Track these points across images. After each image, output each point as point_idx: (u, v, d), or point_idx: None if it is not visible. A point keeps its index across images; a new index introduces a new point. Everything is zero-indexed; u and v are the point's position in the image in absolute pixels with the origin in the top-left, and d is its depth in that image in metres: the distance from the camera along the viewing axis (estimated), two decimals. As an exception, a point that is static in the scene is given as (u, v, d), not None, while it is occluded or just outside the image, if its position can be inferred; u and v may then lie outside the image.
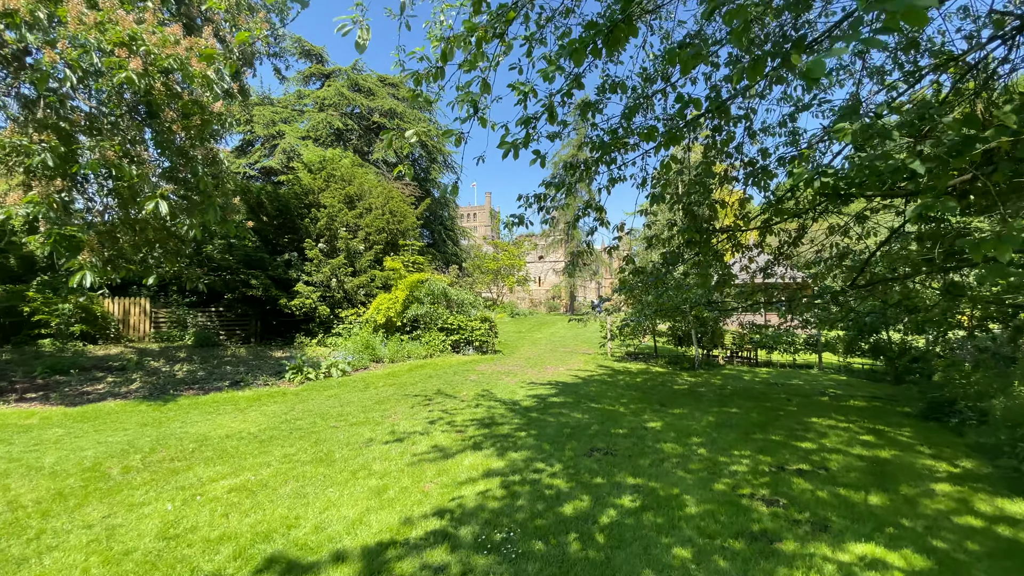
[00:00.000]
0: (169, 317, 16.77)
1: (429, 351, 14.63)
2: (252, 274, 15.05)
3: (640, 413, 8.34)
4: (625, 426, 7.34)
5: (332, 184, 17.03)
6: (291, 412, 8.03)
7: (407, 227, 17.99)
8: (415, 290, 15.24)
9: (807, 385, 12.17)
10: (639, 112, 6.26)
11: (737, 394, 10.46)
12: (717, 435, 7.03)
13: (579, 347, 18.78)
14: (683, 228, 7.14)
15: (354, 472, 5.13)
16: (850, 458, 6.23)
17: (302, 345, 14.17)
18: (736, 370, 14.08)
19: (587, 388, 10.63)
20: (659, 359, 15.02)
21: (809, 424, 8.00)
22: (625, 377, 12.28)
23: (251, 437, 6.56)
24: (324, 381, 10.72)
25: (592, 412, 8.26)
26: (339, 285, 15.72)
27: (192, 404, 8.62)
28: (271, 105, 35.45)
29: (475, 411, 8.10)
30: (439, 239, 39.11)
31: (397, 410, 8.16)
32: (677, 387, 11.14)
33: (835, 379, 13.48)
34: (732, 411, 8.77)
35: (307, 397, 9.28)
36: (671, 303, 9.55)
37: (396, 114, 34.81)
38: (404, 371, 12.19)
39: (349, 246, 15.96)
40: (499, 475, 5.12)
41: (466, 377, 11.73)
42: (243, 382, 10.25)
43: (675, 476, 5.26)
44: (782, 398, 10.26)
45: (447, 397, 9.31)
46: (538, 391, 10.16)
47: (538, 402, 9.02)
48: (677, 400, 9.60)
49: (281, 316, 16.21)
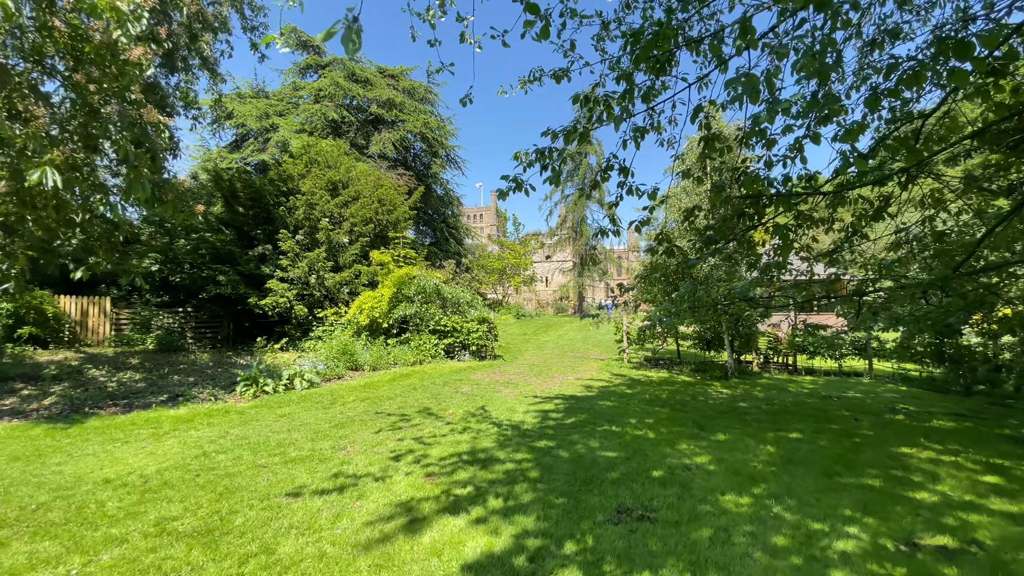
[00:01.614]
0: (132, 318, 15.03)
1: (419, 357, 12.74)
2: (219, 270, 13.27)
3: (675, 440, 6.37)
4: (660, 462, 5.38)
5: (314, 169, 15.22)
6: (219, 440, 6.16)
7: (398, 218, 16.14)
8: (404, 287, 13.38)
9: (867, 398, 10.12)
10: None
11: (788, 411, 8.46)
12: (791, 479, 5.05)
13: (590, 351, 16.80)
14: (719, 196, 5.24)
15: (243, 561, 3.22)
16: (996, 519, 4.24)
17: (265, 351, 12.32)
18: (775, 378, 12.05)
19: (603, 403, 8.67)
20: (683, 365, 13.00)
21: (903, 458, 6.00)
22: (647, 388, 10.30)
23: (137, 484, 4.68)
24: (283, 395, 8.86)
25: (613, 439, 6.31)
26: (319, 282, 13.89)
27: (102, 427, 6.78)
28: (266, 98, 33.95)
29: (460, 439, 6.17)
30: (442, 237, 37.25)
31: (358, 437, 6.26)
32: (713, 402, 9.15)
33: (894, 390, 11.42)
34: (793, 437, 6.78)
35: (253, 417, 7.41)
36: (707, 299, 7.59)
37: (395, 105, 33.02)
38: (384, 381, 10.29)
39: (331, 238, 14.13)
40: (481, 570, 3.20)
41: (457, 388, 9.81)
42: (184, 396, 8.42)
43: (757, 567, 3.30)
44: (846, 416, 8.24)
45: (429, 417, 7.40)
46: (543, 407, 8.23)
47: (543, 423, 7.08)
48: (718, 421, 7.62)
49: (255, 317, 14.42)
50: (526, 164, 4.85)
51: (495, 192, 66.16)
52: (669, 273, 6.53)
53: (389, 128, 32.85)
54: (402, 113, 32.98)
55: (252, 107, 32.08)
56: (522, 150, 4.56)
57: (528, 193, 4.90)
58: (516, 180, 4.75)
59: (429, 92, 36.38)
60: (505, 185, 4.75)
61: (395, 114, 32.76)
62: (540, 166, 4.90)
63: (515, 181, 4.75)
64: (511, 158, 4.68)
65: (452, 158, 37.84)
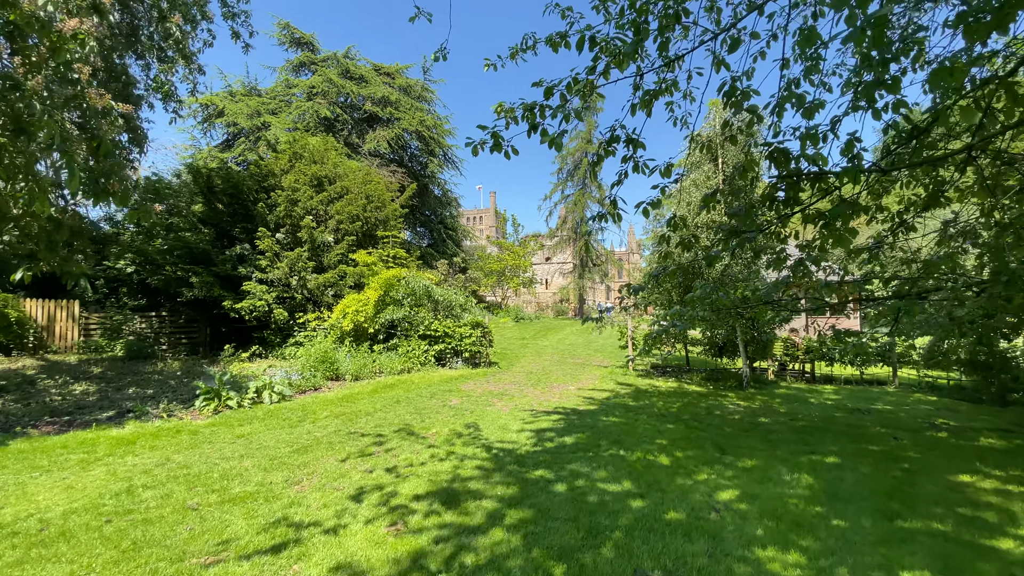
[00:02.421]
0: (103, 323, 14.07)
1: (407, 364, 11.77)
2: (193, 271, 12.31)
3: (694, 468, 5.41)
4: (680, 500, 4.42)
5: (298, 164, 14.28)
6: (154, 470, 5.20)
7: (388, 215, 15.18)
8: (392, 289, 12.42)
9: (899, 411, 9.17)
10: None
11: (817, 428, 7.50)
12: (843, 524, 4.08)
13: (592, 358, 15.83)
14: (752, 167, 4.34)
15: None
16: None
17: (233, 359, 11.29)
18: (793, 388, 11.08)
19: (607, 419, 7.71)
20: (693, 374, 12.04)
21: (966, 490, 5.04)
22: (655, 401, 9.33)
23: (32, 532, 3.73)
24: (248, 411, 7.90)
25: (621, 467, 5.34)
26: (300, 284, 12.93)
27: (26, 451, 5.82)
28: (258, 96, 33.16)
29: (440, 468, 5.21)
30: (439, 239, 36.30)
31: (320, 466, 5.30)
32: (730, 416, 8.18)
33: (924, 400, 10.47)
34: (830, 462, 5.82)
35: (206, 438, 6.44)
36: (727, 301, 6.63)
37: (390, 102, 32.11)
38: (365, 393, 9.33)
39: (314, 237, 13.17)
40: None
41: (445, 401, 8.85)
42: (134, 412, 7.46)
43: None
44: (883, 434, 7.29)
45: (408, 438, 6.43)
46: (540, 424, 7.27)
47: (539, 445, 6.12)
48: (740, 441, 6.65)
49: (233, 322, 13.45)
50: (509, 119, 3.92)
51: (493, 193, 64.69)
52: (684, 268, 5.62)
53: (384, 126, 31.93)
54: (397, 111, 32.07)
55: (244, 105, 31.26)
56: (507, 103, 3.63)
57: (509, 156, 3.97)
58: (494, 135, 3.82)
59: (426, 90, 35.50)
60: (480, 136, 3.80)
61: (390, 111, 31.84)
62: (529, 125, 3.96)
63: (493, 136, 3.81)
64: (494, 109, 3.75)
65: (450, 158, 36.91)
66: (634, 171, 4.79)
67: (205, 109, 32.56)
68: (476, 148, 3.92)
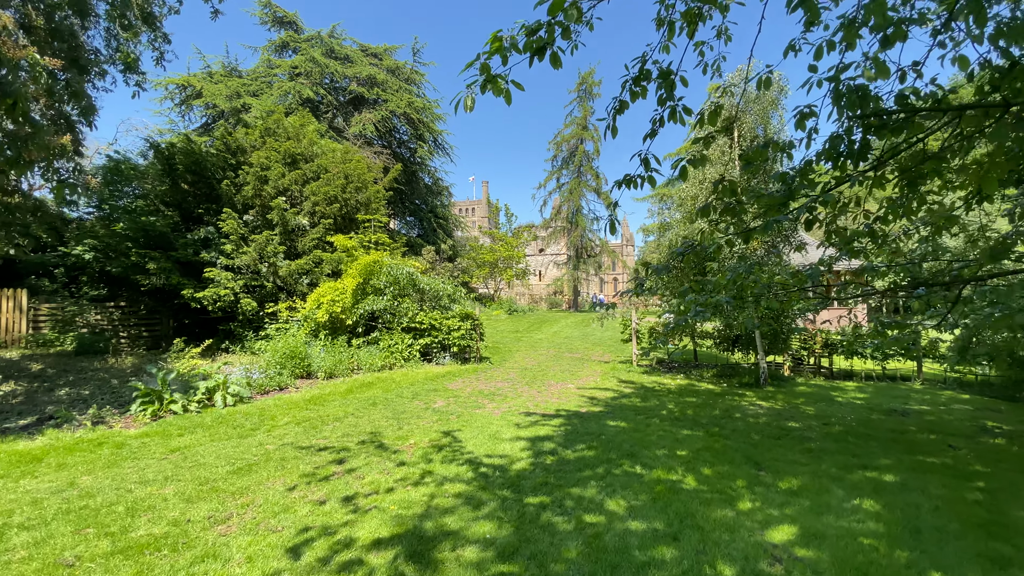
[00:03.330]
0: (54, 315, 12.78)
1: (389, 360, 10.64)
2: (150, 256, 11.05)
3: (730, 491, 4.36)
4: (726, 546, 3.35)
5: (270, 140, 12.99)
6: (46, 501, 4.05)
7: (370, 198, 13.94)
8: (372, 276, 11.25)
9: (938, 411, 8.20)
10: None
11: (856, 434, 6.49)
12: (951, 581, 3.04)
13: (590, 352, 14.78)
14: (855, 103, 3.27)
15: None
16: None
17: (183, 355, 9.98)
18: (813, 385, 10.10)
19: (614, 424, 6.65)
20: (703, 369, 11.02)
21: (1075, 520, 4.02)
22: (667, 401, 8.29)
23: None
24: (195, 416, 6.73)
25: (640, 491, 4.27)
26: (271, 270, 11.70)
27: None
28: (239, 77, 31.57)
29: (413, 497, 4.11)
30: (429, 229, 34.99)
31: (261, 493, 4.17)
32: (754, 420, 7.15)
33: (957, 398, 9.56)
34: (891, 481, 4.80)
35: (131, 454, 5.30)
36: (755, 287, 5.55)
37: (377, 83, 30.61)
38: (338, 394, 8.19)
39: (286, 219, 11.93)
40: None
41: (429, 403, 7.75)
42: (57, 419, 6.28)
43: None
44: (934, 442, 6.29)
45: (378, 452, 5.32)
46: (537, 431, 6.19)
47: (537, 460, 5.04)
48: (775, 452, 5.61)
49: (199, 314, 12.22)
50: (506, 49, 2.77)
51: (486, 183, 63.40)
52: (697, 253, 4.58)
53: (370, 108, 30.45)
54: (384, 91, 30.60)
55: (223, 87, 29.72)
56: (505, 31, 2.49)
57: (510, 98, 2.81)
58: (485, 69, 2.67)
59: (415, 72, 34.02)
60: (470, 76, 2.66)
61: (377, 92, 30.39)
62: (533, 50, 2.83)
63: (483, 70, 2.67)
64: (487, 43, 2.61)
65: (440, 144, 35.51)
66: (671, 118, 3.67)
67: (183, 90, 31.07)
68: (467, 100, 2.72)
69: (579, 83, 36.98)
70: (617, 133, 3.74)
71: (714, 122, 3.64)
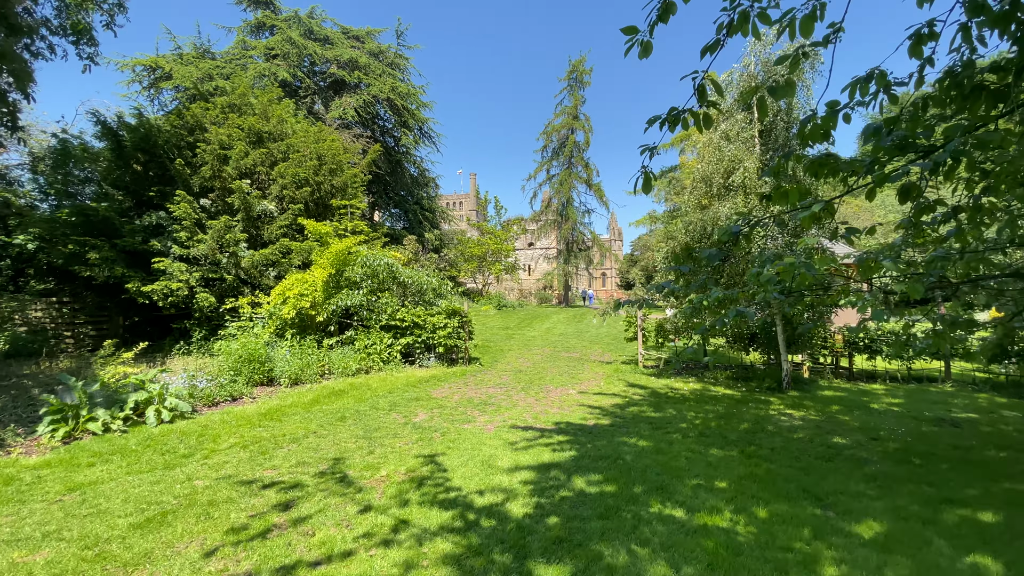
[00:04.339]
0: (-14, 312, 11.31)
1: (365, 363, 9.42)
2: (91, 244, 9.65)
3: (802, 548, 3.27)
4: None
5: (233, 116, 11.61)
6: None
7: (346, 182, 12.63)
8: (347, 268, 10.00)
9: (991, 418, 7.25)
10: None
11: (917, 452, 5.47)
12: None
13: (588, 351, 13.68)
14: None
15: None
16: None
17: (111, 361, 8.50)
18: (839, 388, 9.13)
19: (632, 442, 5.54)
20: (716, 372, 9.98)
21: None
22: (685, 410, 7.22)
23: None
24: (116, 437, 5.47)
25: (684, 550, 3.16)
26: (232, 261, 10.37)
27: None
28: (212, 59, 29.81)
29: (378, 566, 2.94)
30: (415, 221, 33.56)
31: (164, 565, 2.98)
32: (792, 435, 6.10)
33: (996, 401, 8.66)
34: (992, 523, 3.76)
35: (15, 494, 4.04)
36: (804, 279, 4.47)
37: (358, 66, 29.04)
38: (301, 405, 6.96)
39: (249, 203, 10.59)
40: None
41: (410, 416, 6.57)
42: (-65, 445, 4.97)
43: None
44: (1005, 460, 5.29)
45: (338, 489, 4.14)
46: (539, 456, 5.05)
47: (543, 500, 3.91)
48: (834, 481, 4.55)
49: (154, 310, 10.85)
50: None
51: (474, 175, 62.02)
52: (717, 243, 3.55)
53: (351, 92, 28.90)
54: (366, 76, 29.06)
55: (194, 68, 27.94)
56: None
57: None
58: None
59: (399, 56, 32.49)
60: None
61: (358, 76, 28.83)
62: None
63: None
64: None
65: (426, 132, 34.04)
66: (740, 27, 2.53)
67: (151, 72, 29.20)
68: None
69: (569, 71, 35.79)
70: (651, 52, 2.60)
71: (808, 32, 2.52)
